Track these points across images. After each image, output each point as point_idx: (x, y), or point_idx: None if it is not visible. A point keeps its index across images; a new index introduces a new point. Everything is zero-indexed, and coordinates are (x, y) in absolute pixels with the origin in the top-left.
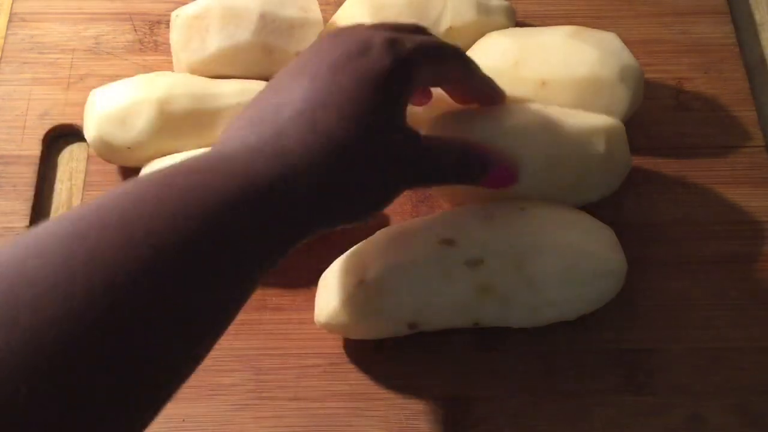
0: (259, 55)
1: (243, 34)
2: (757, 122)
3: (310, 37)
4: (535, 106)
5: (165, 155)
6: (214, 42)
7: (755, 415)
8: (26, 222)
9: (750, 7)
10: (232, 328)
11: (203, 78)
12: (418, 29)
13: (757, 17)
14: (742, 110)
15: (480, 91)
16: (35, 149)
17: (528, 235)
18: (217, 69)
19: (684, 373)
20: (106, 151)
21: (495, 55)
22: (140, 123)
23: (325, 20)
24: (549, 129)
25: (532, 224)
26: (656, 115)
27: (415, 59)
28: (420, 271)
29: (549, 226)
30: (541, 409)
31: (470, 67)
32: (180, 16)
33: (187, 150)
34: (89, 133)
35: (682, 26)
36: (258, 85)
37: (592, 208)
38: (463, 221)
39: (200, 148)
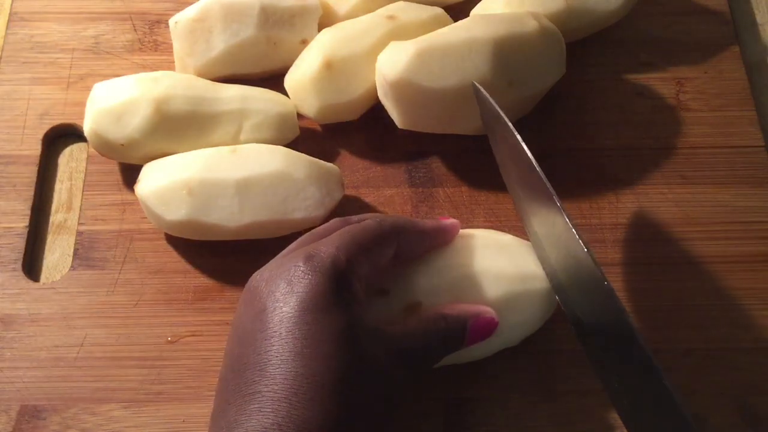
0: (265, 49)
1: (247, 29)
2: (756, 122)
3: (311, 23)
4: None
5: (160, 155)
6: (219, 42)
7: (755, 415)
8: (26, 222)
9: (750, 7)
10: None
11: (206, 81)
12: (337, 226)
13: (757, 17)
14: (742, 110)
15: (430, 243)
16: (35, 149)
17: (460, 267)
18: (226, 68)
19: (684, 373)
20: (102, 145)
21: None
22: (135, 120)
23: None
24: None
25: (461, 255)
26: (656, 115)
27: (341, 260)
28: None
29: (478, 253)
30: (541, 409)
31: (405, 230)
32: (180, 22)
33: (182, 151)
34: (86, 126)
35: (682, 26)
36: (258, 92)
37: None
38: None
39: (195, 150)
